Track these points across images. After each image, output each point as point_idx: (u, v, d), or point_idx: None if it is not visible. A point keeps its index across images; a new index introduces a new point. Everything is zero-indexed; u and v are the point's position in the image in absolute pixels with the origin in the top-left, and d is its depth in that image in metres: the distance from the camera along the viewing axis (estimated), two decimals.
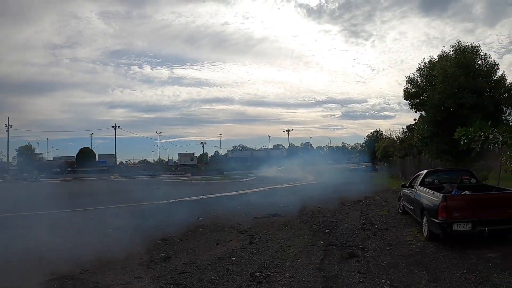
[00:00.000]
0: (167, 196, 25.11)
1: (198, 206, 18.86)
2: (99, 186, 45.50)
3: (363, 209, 16.27)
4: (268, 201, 19.93)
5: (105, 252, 9.52)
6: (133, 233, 12.07)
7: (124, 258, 9.05)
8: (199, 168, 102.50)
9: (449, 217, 9.19)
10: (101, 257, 9.06)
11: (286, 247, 9.77)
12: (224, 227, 12.99)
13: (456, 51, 20.75)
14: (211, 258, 8.95)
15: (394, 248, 9.45)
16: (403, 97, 23.21)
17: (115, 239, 11.23)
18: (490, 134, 4.57)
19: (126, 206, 19.45)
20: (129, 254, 9.39)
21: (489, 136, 4.55)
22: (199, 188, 37.23)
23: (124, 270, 8.08)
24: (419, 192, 11.68)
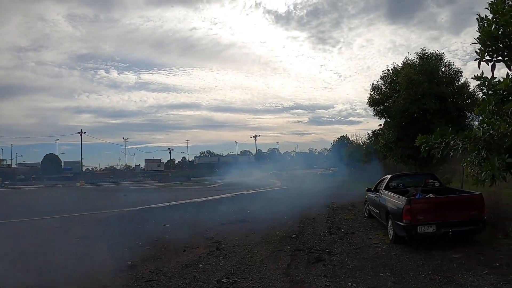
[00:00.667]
0: (134, 203, 24.64)
1: (164, 212, 18.57)
2: (64, 193, 44.46)
3: (329, 213, 16.36)
4: (235, 207, 19.84)
5: (71, 261, 9.33)
6: (98, 241, 11.81)
7: (90, 266, 8.83)
8: (166, 175, 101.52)
9: (413, 220, 9.33)
10: (66, 266, 8.88)
11: (253, 253, 9.74)
12: (191, 233, 12.84)
13: (420, 58, 21.16)
14: (178, 265, 8.85)
15: (360, 252, 9.53)
16: (368, 104, 23.51)
17: (80, 248, 10.95)
18: (451, 141, 4.64)
19: (91, 214, 19.03)
20: (95, 263, 9.16)
21: (449, 143, 4.62)
22: (166, 194, 36.80)
23: (90, 279, 7.90)
24: (384, 196, 11.83)
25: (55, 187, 65.46)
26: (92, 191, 50.03)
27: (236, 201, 23.72)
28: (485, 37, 4.01)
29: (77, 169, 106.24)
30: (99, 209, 21.33)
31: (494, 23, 4.05)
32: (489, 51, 4.05)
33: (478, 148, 4.50)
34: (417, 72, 20.03)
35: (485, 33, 4.02)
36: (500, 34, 3.98)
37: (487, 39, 3.99)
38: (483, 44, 4.05)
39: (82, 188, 62.55)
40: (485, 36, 4.01)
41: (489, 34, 3.99)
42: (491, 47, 4.02)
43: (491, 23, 4.09)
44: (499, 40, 3.98)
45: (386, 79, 22.61)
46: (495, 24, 4.04)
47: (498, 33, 3.99)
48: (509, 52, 3.96)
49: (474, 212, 9.48)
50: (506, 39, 3.94)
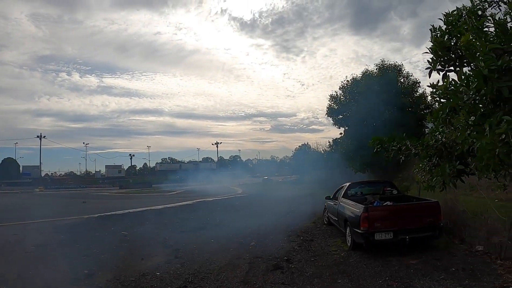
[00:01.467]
0: (93, 210, 24.17)
1: (124, 220, 18.24)
2: (23, 199, 43.21)
3: (289, 221, 16.38)
4: (195, 215, 19.77)
5: (28, 269, 9.07)
6: (55, 250, 11.52)
7: (46, 275, 8.60)
8: (127, 181, 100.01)
9: (371, 227, 9.46)
10: (22, 274, 8.62)
11: (211, 261, 9.65)
12: (150, 241, 12.64)
13: (380, 69, 21.63)
14: (135, 274, 8.66)
15: (319, 259, 9.58)
16: (326, 114, 23.84)
17: (37, 256, 10.67)
18: (403, 145, 4.75)
19: (49, 221, 18.49)
20: (51, 271, 8.93)
21: (401, 147, 4.73)
22: (126, 201, 36.22)
23: (46, 287, 7.75)
24: (343, 204, 11.96)
25: (13, 193, 63.50)
26: (51, 197, 48.71)
27: (196, 209, 23.63)
28: (437, 47, 4.11)
29: (36, 174, 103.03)
30: (57, 216, 20.76)
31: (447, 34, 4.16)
32: (441, 61, 4.15)
33: (430, 155, 4.62)
34: (376, 83, 20.45)
35: (437, 44, 4.13)
36: (453, 45, 4.10)
37: (439, 49, 4.10)
38: (435, 54, 4.15)
39: (41, 194, 60.77)
40: (437, 46, 4.11)
41: (441, 44, 4.10)
42: (443, 57, 4.12)
43: (444, 33, 4.20)
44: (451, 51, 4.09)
45: (345, 89, 22.98)
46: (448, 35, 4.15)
47: (450, 43, 4.10)
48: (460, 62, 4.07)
49: (431, 219, 9.70)
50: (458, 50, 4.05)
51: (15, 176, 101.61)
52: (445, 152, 4.46)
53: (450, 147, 4.38)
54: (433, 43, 4.20)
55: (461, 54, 4.01)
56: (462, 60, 4.04)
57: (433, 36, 4.25)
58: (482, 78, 3.28)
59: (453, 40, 4.12)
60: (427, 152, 4.58)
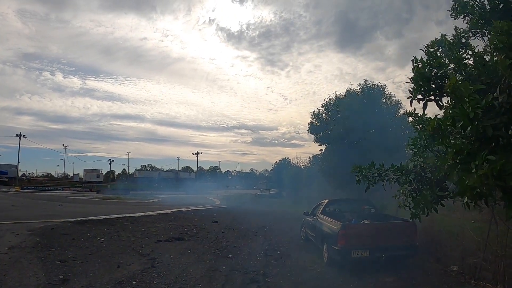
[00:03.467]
0: (69, 214, 23.86)
1: (100, 226, 18.04)
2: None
3: (266, 235, 16.46)
4: (172, 224, 19.64)
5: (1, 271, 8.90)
6: (30, 252, 11.31)
7: (19, 279, 8.46)
8: (105, 186, 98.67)
9: (347, 244, 9.59)
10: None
11: (188, 272, 9.61)
12: (126, 249, 12.52)
13: (362, 89, 21.89)
14: (111, 281, 8.58)
15: (295, 274, 9.63)
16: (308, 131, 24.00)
17: (10, 258, 10.41)
18: (383, 172, 4.90)
19: (24, 223, 18.16)
20: (24, 275, 8.78)
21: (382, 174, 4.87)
22: (103, 207, 35.80)
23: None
24: (321, 220, 12.07)
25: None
26: (27, 198, 47.75)
27: (174, 218, 23.45)
28: (418, 77, 4.26)
29: (13, 173, 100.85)
30: (32, 218, 20.40)
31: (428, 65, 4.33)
32: (421, 91, 4.31)
33: (410, 180, 4.75)
34: (359, 102, 20.70)
35: (419, 74, 4.28)
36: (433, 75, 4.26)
37: (420, 79, 4.25)
38: (416, 84, 4.30)
39: (16, 194, 59.39)
40: (418, 76, 4.27)
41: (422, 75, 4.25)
42: (424, 87, 4.27)
43: (425, 64, 4.36)
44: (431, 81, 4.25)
45: (328, 107, 23.18)
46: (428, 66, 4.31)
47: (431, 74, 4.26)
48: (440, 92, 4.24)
49: (407, 238, 9.89)
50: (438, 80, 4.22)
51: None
52: (425, 177, 4.61)
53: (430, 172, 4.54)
54: (414, 73, 4.35)
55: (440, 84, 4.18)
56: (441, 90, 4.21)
57: (415, 67, 4.41)
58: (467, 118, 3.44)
59: (433, 71, 4.29)
60: (407, 177, 4.73)
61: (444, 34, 6.12)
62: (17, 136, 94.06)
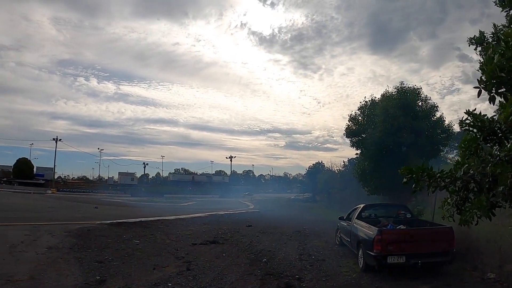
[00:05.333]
0: (105, 216, 24.28)
1: (136, 228, 18.30)
2: (35, 200, 43.48)
3: (301, 239, 16.33)
4: (207, 228, 19.76)
5: (39, 271, 9.10)
6: (68, 253, 11.59)
7: (57, 278, 8.64)
8: (139, 189, 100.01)
9: (383, 250, 9.42)
10: (34, 276, 8.65)
11: (223, 275, 9.60)
12: (162, 251, 12.65)
13: (398, 92, 21.57)
14: (147, 283, 8.63)
15: (330, 279, 9.50)
16: (345, 135, 23.77)
17: (49, 258, 10.69)
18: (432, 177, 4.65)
19: (61, 224, 18.59)
20: (62, 275, 8.97)
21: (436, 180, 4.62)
22: (138, 210, 36.35)
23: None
24: (356, 225, 11.91)
25: (26, 193, 63.92)
26: (63, 200, 48.86)
27: (208, 222, 23.58)
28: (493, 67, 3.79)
29: (49, 176, 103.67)
30: (69, 220, 20.90)
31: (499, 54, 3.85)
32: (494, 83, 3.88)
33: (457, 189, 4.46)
34: (395, 106, 20.41)
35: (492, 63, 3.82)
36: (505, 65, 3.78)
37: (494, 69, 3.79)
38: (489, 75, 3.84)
39: (53, 196, 60.72)
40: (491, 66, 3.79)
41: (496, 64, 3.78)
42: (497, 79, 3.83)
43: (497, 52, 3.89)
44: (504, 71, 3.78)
45: (364, 110, 22.94)
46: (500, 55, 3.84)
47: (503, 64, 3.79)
48: None
49: (444, 244, 9.64)
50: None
51: (29, 176, 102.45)
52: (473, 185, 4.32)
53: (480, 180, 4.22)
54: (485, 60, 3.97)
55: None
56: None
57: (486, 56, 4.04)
58: None
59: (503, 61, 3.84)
60: (455, 185, 4.47)
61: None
62: (54, 140, 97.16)
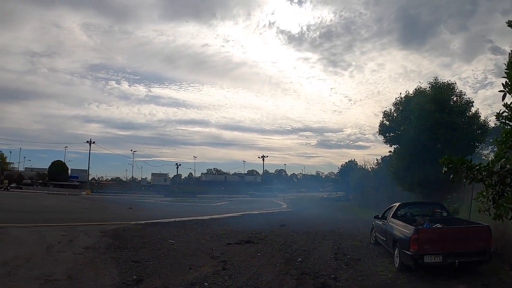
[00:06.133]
0: (139, 216, 24.77)
1: (170, 228, 18.58)
2: (70, 201, 44.56)
3: (335, 238, 16.25)
4: (241, 227, 19.86)
5: (77, 270, 9.34)
6: (104, 253, 11.87)
7: (94, 278, 8.86)
8: (172, 190, 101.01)
9: (420, 249, 9.31)
10: (72, 275, 8.89)
11: (258, 275, 9.63)
12: (197, 251, 12.77)
13: (432, 87, 21.21)
14: (183, 282, 8.73)
15: (366, 279, 9.45)
16: (378, 132, 23.49)
17: (86, 258, 10.99)
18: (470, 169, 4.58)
19: (97, 225, 19.05)
20: (99, 274, 9.20)
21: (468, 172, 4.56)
22: (172, 210, 36.81)
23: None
24: (392, 224, 11.81)
25: (61, 194, 65.49)
26: (98, 201, 49.96)
27: (241, 221, 23.72)
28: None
29: (83, 177, 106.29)
30: (104, 220, 21.38)
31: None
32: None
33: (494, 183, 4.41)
34: (429, 101, 20.08)
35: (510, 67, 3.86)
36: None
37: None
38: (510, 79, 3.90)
39: (87, 197, 62.09)
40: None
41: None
42: None
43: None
44: None
45: (398, 106, 22.63)
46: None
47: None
48: None
49: (481, 243, 9.46)
50: None
51: (64, 178, 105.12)
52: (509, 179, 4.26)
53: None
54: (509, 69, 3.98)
55: None
56: None
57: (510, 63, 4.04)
58: None
59: None
60: (491, 179, 4.41)
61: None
62: (87, 142, 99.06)
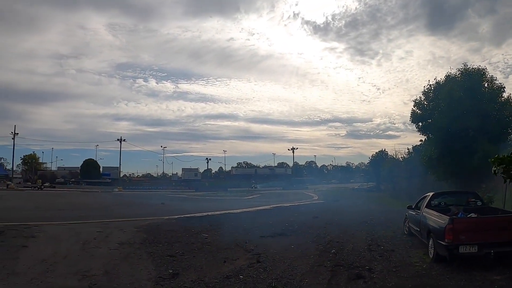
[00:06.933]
0: (172, 211, 25.18)
1: (203, 222, 18.84)
2: (103, 198, 45.57)
3: (368, 229, 16.18)
4: (273, 220, 19.96)
5: (113, 266, 9.62)
6: (139, 248, 12.16)
7: (131, 273, 9.09)
8: (203, 184, 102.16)
9: (455, 239, 9.24)
10: (108, 270, 9.15)
11: (293, 267, 9.68)
12: (231, 244, 12.88)
13: (462, 74, 20.83)
14: (219, 276, 8.84)
15: (401, 270, 9.42)
16: (411, 120, 23.24)
17: (121, 253, 11.30)
18: None
19: (130, 221, 19.50)
20: (136, 269, 9.44)
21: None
22: (203, 204, 37.25)
23: (132, 285, 8.05)
24: (426, 214, 11.71)
25: (94, 192, 66.87)
26: (130, 197, 50.83)
27: (274, 214, 23.83)
28: None
29: (115, 175, 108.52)
30: (137, 216, 21.90)
31: None
32: None
33: None
34: (459, 89, 19.75)
35: None
36: None
37: None
38: None
39: (120, 194, 63.49)
40: None
41: None
42: None
43: None
44: None
45: (428, 94, 22.33)
46: None
47: None
48: None
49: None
50: None
51: (96, 176, 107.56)
52: None
53: None
54: None
55: None
56: None
57: None
58: None
59: None
60: None
61: None
62: (118, 140, 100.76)
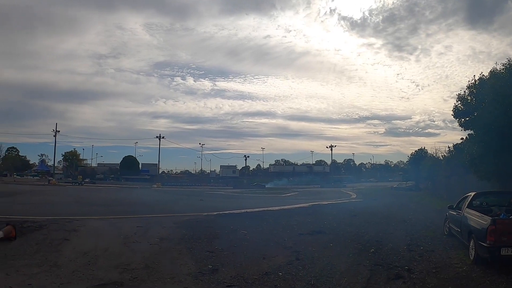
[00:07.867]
0: (210, 208, 25.51)
1: (242, 219, 19.10)
2: (142, 194, 46.58)
3: (407, 229, 16.06)
4: (312, 218, 20.04)
5: (153, 260, 9.90)
6: (179, 243, 12.46)
7: (171, 267, 9.33)
8: (241, 181, 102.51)
9: (497, 241, 9.11)
10: (149, 265, 9.42)
11: (332, 265, 9.69)
12: (269, 242, 13.02)
13: (506, 69, 20.25)
14: (258, 272, 8.93)
15: (440, 271, 9.36)
16: (453, 115, 22.75)
17: (161, 248, 11.64)
18: None
19: (169, 216, 19.97)
20: (175, 264, 9.69)
21: None
22: (242, 201, 37.52)
23: (172, 280, 8.24)
24: (467, 215, 11.56)
25: (133, 188, 68.29)
26: (168, 193, 51.63)
27: (312, 212, 23.82)
28: None
29: (154, 171, 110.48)
30: (176, 212, 22.42)
31: None
32: None
33: None
34: (504, 84, 19.21)
35: None
36: None
37: None
38: None
39: (158, 190, 64.41)
40: None
41: None
42: None
43: None
44: None
45: (472, 89, 21.82)
46: None
47: None
48: None
49: None
50: None
51: (135, 172, 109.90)
52: None
53: None
54: None
55: None
56: None
57: None
58: None
59: None
60: None
61: None
62: (157, 137, 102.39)
